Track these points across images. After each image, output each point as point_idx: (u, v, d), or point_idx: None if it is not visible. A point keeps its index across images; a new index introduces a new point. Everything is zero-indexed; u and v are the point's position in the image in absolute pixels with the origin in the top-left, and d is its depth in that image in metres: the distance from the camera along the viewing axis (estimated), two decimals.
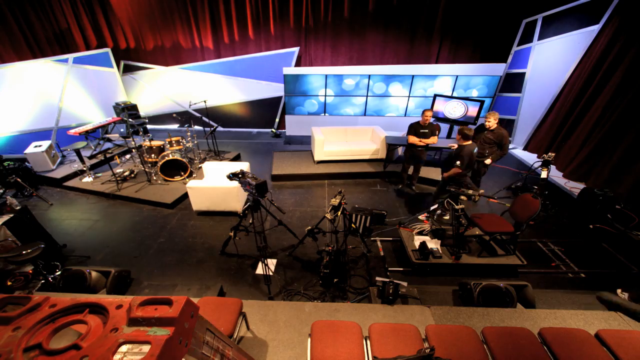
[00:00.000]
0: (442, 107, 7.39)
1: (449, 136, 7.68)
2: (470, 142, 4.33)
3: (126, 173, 6.40)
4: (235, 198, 5.19)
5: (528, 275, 4.02)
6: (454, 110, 7.21)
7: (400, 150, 7.42)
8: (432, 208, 4.35)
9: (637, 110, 5.29)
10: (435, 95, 7.45)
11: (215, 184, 5.16)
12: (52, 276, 3.87)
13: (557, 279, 4.01)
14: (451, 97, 7.29)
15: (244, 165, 5.84)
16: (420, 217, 4.79)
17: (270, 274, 3.90)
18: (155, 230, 5.00)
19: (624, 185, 5.38)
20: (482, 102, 6.82)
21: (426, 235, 4.30)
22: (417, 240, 4.17)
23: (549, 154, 4.99)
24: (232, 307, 2.69)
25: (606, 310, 3.31)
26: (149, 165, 6.50)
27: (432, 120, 5.77)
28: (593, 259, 4.29)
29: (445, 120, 7.41)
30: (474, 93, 8.30)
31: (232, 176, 3.58)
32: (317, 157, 6.96)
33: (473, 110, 6.94)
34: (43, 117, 7.71)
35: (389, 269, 4.10)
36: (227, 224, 5.02)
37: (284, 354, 2.82)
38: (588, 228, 4.88)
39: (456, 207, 3.82)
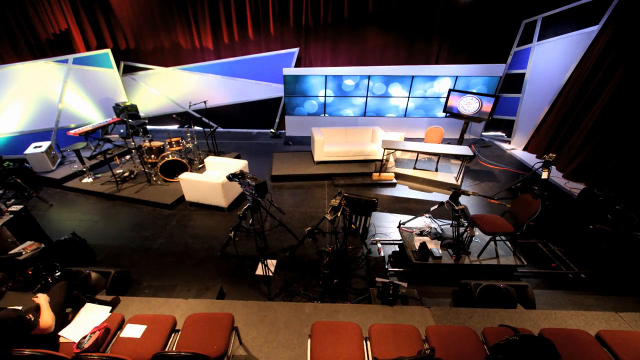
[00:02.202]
0: (455, 102, 7.35)
1: (461, 135, 7.67)
2: None
3: (126, 174, 6.39)
4: (219, 194, 5.28)
5: (528, 276, 4.03)
6: (468, 105, 7.13)
7: (399, 152, 7.42)
8: (432, 208, 4.35)
9: (637, 110, 5.29)
10: (450, 90, 7.40)
11: (203, 179, 5.33)
12: (51, 277, 3.86)
13: (557, 279, 4.01)
14: (466, 92, 7.22)
15: (242, 164, 5.88)
16: (420, 217, 4.78)
17: (270, 274, 3.91)
18: (155, 231, 4.99)
19: (624, 186, 5.38)
20: (497, 98, 6.75)
21: (426, 235, 4.30)
22: (417, 240, 4.17)
23: (550, 154, 4.99)
24: (223, 323, 2.57)
25: (606, 311, 3.30)
26: (149, 166, 6.50)
27: None
28: (593, 260, 4.29)
29: (459, 116, 7.37)
30: None
31: (232, 177, 3.58)
32: (317, 158, 6.96)
33: (487, 106, 6.87)
34: (43, 118, 7.71)
35: (389, 269, 4.10)
36: (227, 225, 5.02)
37: (284, 355, 2.81)
38: (588, 228, 4.87)
39: (456, 207, 3.82)
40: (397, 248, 4.52)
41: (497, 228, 3.92)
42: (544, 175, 4.92)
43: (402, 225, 4.52)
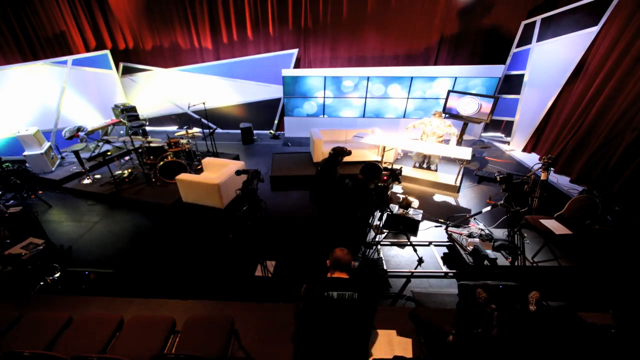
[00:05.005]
0: (455, 103, 7.35)
1: (460, 136, 7.67)
2: None
3: (125, 175, 6.39)
4: (215, 195, 5.30)
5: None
6: (468, 106, 7.14)
7: (399, 151, 7.44)
8: (484, 210, 4.36)
9: (637, 111, 5.31)
10: (449, 91, 7.41)
11: (200, 180, 5.37)
12: (50, 277, 3.87)
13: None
14: (465, 93, 7.22)
15: (239, 165, 5.91)
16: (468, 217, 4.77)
17: (269, 275, 3.90)
18: (154, 232, 5.00)
19: (623, 187, 5.39)
20: (496, 99, 6.75)
21: (476, 237, 4.26)
22: (469, 243, 4.13)
23: (549, 155, 5.00)
24: (222, 324, 2.56)
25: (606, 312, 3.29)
26: (148, 167, 6.50)
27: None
28: (593, 260, 4.28)
29: (458, 117, 7.38)
30: None
31: (241, 172, 3.59)
32: (316, 159, 6.95)
33: (487, 107, 6.88)
34: (42, 119, 7.70)
35: (388, 270, 4.11)
36: (225, 226, 5.02)
37: (283, 355, 2.81)
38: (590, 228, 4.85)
39: (512, 209, 3.76)
40: (395, 249, 4.52)
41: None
42: (543, 176, 4.91)
43: (449, 227, 4.55)
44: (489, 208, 4.51)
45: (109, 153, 7.43)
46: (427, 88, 8.49)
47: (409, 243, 4.38)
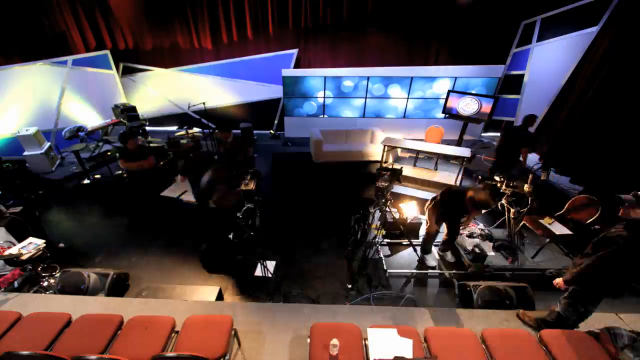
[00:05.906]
0: (455, 103, 7.35)
1: (460, 136, 7.68)
2: None
3: (125, 174, 6.39)
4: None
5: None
6: (468, 106, 7.15)
7: (400, 151, 7.43)
8: (483, 210, 4.35)
9: (637, 112, 5.31)
10: (449, 91, 7.41)
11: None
12: (50, 278, 3.87)
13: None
14: (465, 93, 7.23)
15: None
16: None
17: (269, 275, 3.90)
18: (154, 232, 4.99)
19: (623, 187, 5.38)
20: (496, 99, 6.75)
21: (476, 237, 4.27)
22: (469, 243, 4.13)
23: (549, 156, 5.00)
24: (222, 324, 2.57)
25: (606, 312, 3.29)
26: None
27: None
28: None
29: (458, 117, 7.39)
30: None
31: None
32: (315, 159, 6.96)
33: (487, 107, 6.89)
34: (42, 119, 7.70)
35: (388, 271, 4.10)
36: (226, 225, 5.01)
37: (283, 356, 2.81)
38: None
39: (512, 209, 3.76)
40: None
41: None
42: (543, 176, 4.92)
43: None
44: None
45: (109, 153, 7.42)
46: (427, 88, 8.49)
47: (408, 243, 4.38)
